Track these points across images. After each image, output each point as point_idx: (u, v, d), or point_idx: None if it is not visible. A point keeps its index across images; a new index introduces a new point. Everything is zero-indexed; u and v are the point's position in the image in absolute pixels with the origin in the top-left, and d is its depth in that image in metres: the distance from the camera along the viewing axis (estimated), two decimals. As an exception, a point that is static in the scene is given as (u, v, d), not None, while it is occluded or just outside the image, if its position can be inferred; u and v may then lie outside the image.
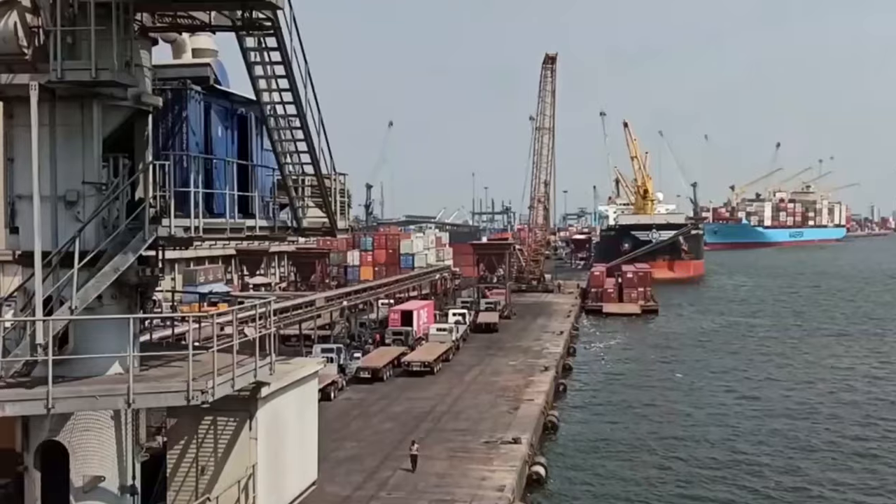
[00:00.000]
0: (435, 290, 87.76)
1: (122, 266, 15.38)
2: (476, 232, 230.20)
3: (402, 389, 45.70)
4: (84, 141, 15.78)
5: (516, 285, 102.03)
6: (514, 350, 59.83)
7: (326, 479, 26.08)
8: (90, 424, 16.13)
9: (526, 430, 36.46)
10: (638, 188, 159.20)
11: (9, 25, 14.37)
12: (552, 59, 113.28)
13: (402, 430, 36.65)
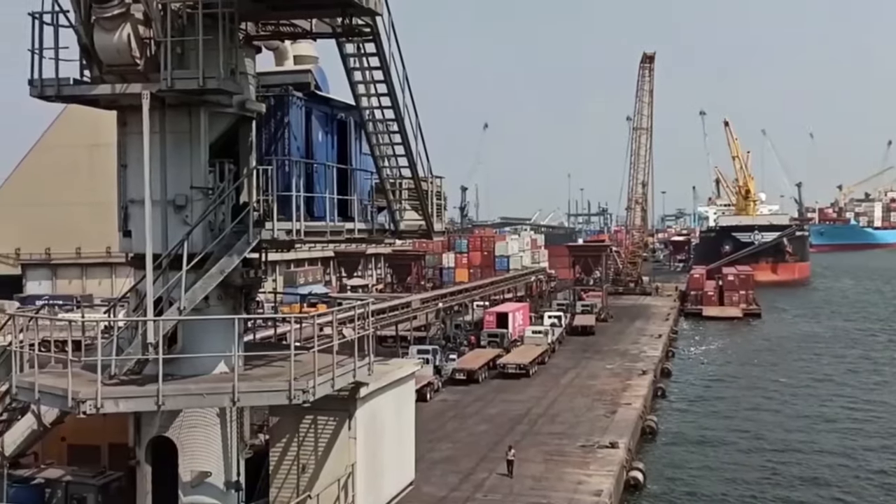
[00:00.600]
0: (530, 292, 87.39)
1: (228, 268, 15.85)
2: (572, 234, 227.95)
3: (498, 391, 45.68)
4: (192, 147, 16.34)
5: (613, 288, 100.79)
6: (611, 353, 59.12)
7: (422, 480, 26.30)
8: (197, 421, 16.69)
9: (623, 435, 35.97)
10: (739, 188, 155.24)
11: (122, 38, 14.98)
12: (650, 59, 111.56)
13: (498, 432, 36.63)
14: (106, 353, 15.32)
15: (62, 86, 15.74)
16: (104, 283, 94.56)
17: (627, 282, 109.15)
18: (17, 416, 17.74)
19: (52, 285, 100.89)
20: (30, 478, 18.10)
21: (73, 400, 14.62)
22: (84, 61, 15.81)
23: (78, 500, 17.49)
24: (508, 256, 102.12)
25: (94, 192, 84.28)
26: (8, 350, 16.69)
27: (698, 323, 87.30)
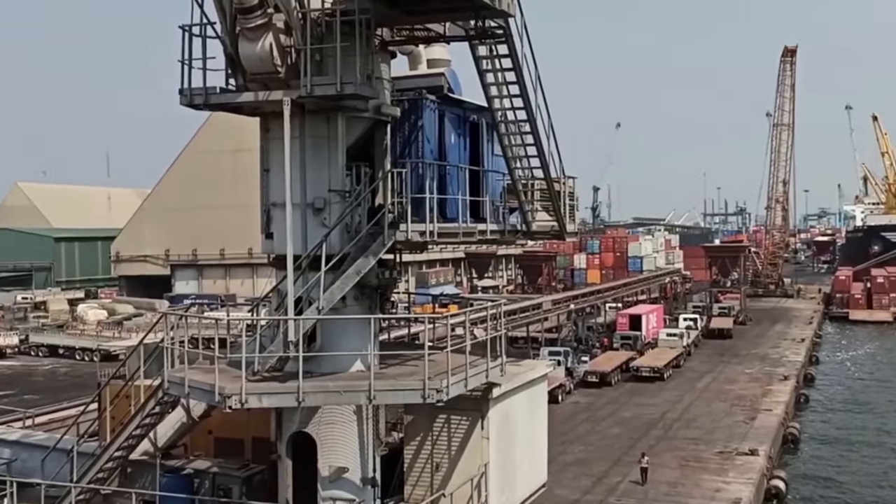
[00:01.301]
0: (664, 293, 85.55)
1: (364, 269, 16.22)
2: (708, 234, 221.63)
3: (631, 395, 44.93)
4: (330, 151, 16.81)
5: (752, 290, 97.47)
6: (749, 357, 57.14)
7: (555, 482, 26.13)
8: (335, 418, 17.15)
9: (764, 442, 34.71)
10: (889, 186, 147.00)
11: (265, 47, 15.57)
12: (791, 52, 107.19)
13: (631, 435, 36.02)
14: (249, 350, 15.92)
15: (209, 94, 16.50)
16: (246, 283, 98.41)
17: (767, 284, 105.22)
18: (169, 409, 18.64)
19: (198, 285, 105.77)
20: (180, 468, 19.00)
21: (219, 395, 15.27)
22: (229, 70, 16.53)
23: (224, 491, 18.24)
24: (642, 257, 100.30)
25: (238, 195, 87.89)
26: (160, 347, 17.59)
27: (844, 327, 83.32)
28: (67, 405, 35.13)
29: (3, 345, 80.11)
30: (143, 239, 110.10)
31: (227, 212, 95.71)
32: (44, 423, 27.43)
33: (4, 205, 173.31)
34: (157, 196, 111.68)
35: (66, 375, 70.00)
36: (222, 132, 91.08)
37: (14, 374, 72.20)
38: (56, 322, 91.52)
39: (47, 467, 19.67)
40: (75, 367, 73.46)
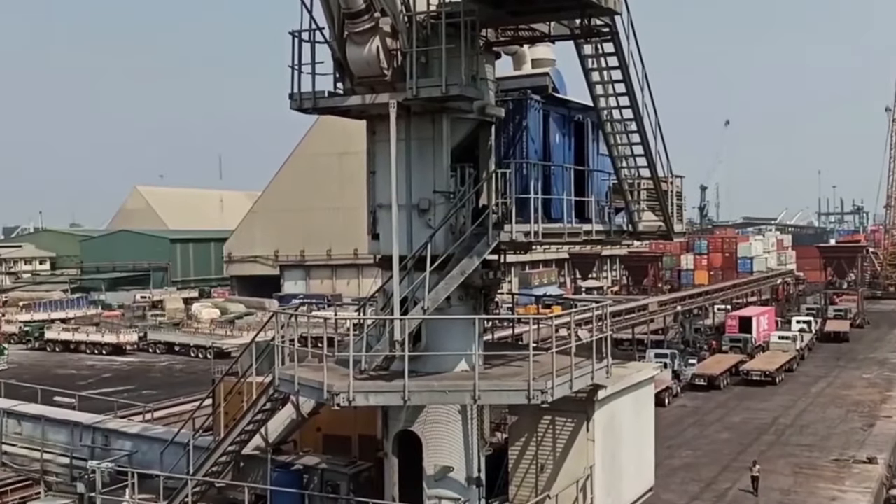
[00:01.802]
0: (776, 295, 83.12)
1: (469, 269, 16.29)
2: (822, 234, 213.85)
3: (740, 399, 43.85)
4: (435, 153, 16.95)
5: (870, 291, 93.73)
6: (867, 362, 55.01)
7: (661, 487, 25.72)
8: (440, 417, 17.28)
9: (883, 450, 33.37)
10: None
11: (372, 50, 15.82)
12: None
13: (741, 441, 35.16)
14: (357, 349, 16.19)
15: (318, 98, 16.85)
16: (352, 283, 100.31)
17: (887, 285, 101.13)
18: (279, 406, 19.11)
19: (305, 285, 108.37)
20: (290, 463, 19.45)
21: (328, 392, 15.58)
22: (337, 75, 16.85)
23: (332, 487, 18.59)
24: (752, 258, 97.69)
25: (344, 197, 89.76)
26: (271, 345, 18.07)
27: (971, 331, 79.17)
28: (183, 400, 36.58)
29: (123, 342, 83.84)
30: (253, 240, 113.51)
31: (334, 213, 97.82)
32: (162, 418, 28.57)
33: (124, 207, 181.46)
34: (266, 198, 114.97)
35: (181, 372, 72.73)
36: (329, 136, 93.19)
37: (133, 369, 75.41)
38: (172, 320, 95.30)
39: (165, 460, 20.45)
40: (190, 363, 76.26)
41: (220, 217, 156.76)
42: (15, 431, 23.89)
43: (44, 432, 23.18)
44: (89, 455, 21.88)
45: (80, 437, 22.65)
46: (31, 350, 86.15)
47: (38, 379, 42.53)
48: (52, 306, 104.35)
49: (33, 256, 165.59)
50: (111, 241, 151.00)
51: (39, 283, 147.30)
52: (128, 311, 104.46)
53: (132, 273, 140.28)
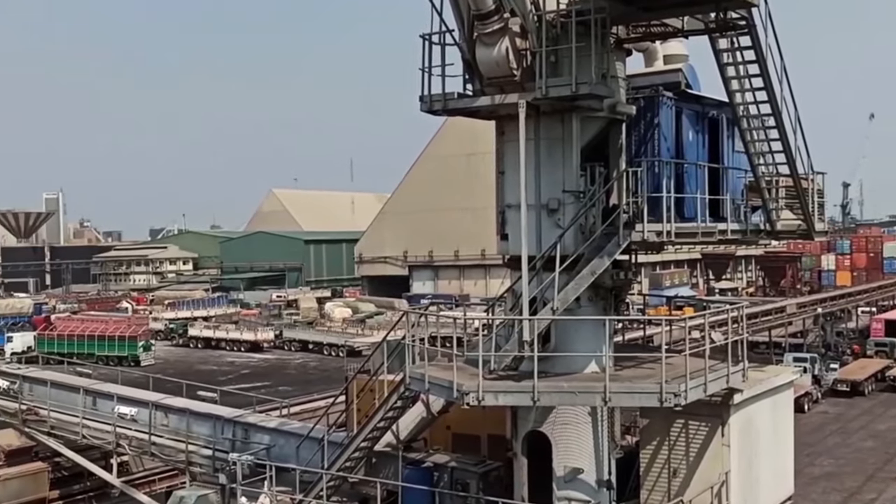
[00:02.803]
0: (926, 297, 78.51)
1: (599, 269, 16.10)
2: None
3: (887, 406, 41.70)
4: (564, 152, 16.85)
5: None
6: None
7: (801, 496, 24.75)
8: (570, 418, 17.16)
9: None
10: None
11: (501, 51, 15.86)
12: None
13: (887, 450, 33.44)
14: (486, 349, 16.28)
15: (448, 100, 17.03)
16: (479, 284, 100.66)
17: None
18: (410, 404, 19.41)
19: (433, 285, 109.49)
20: (420, 461, 19.73)
21: (457, 391, 15.72)
22: (467, 76, 16.98)
23: (462, 485, 18.74)
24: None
25: (471, 198, 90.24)
26: (402, 344, 18.38)
27: None
28: (317, 397, 37.58)
29: (261, 339, 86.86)
30: (383, 241, 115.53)
31: (462, 214, 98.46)
32: (297, 413, 29.46)
33: (261, 210, 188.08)
34: (396, 200, 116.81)
35: (315, 369, 74.75)
36: (457, 137, 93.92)
37: (269, 366, 78.02)
38: (306, 319, 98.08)
39: (301, 454, 21.10)
40: (323, 361, 78.29)
41: (352, 218, 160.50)
42: (162, 423, 25.16)
43: (188, 425, 24.31)
44: (230, 447, 22.81)
45: (222, 430, 23.65)
46: (176, 346, 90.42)
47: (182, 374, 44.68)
48: (195, 305, 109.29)
49: (177, 257, 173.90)
50: (249, 242, 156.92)
51: (183, 282, 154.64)
52: (264, 310, 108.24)
53: (268, 273, 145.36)
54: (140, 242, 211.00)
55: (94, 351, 75.29)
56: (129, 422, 25.61)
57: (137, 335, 78.98)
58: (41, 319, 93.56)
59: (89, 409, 26.60)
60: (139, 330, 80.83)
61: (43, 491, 27.98)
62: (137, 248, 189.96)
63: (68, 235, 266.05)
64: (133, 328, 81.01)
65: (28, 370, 30.93)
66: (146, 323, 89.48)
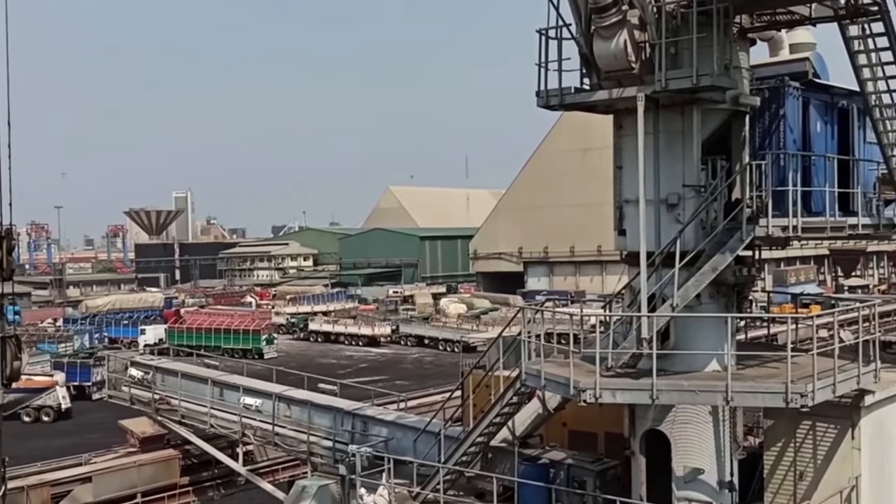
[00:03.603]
0: None
1: (720, 266, 15.71)
2: None
3: None
4: (684, 145, 16.48)
5: None
6: None
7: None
8: (690, 418, 16.80)
9: None
10: None
11: (619, 44, 15.65)
12: None
13: None
14: (603, 346, 16.11)
15: (564, 95, 16.91)
16: (595, 280, 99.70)
17: None
18: (525, 400, 19.39)
19: (549, 281, 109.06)
20: (536, 457, 19.69)
21: (574, 388, 15.62)
22: (584, 70, 16.83)
23: (578, 483, 18.61)
24: None
25: (586, 193, 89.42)
26: (518, 340, 18.38)
27: None
28: (433, 391, 37.98)
29: (378, 334, 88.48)
30: (497, 237, 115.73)
31: (577, 210, 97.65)
32: (414, 407, 29.83)
33: (378, 207, 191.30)
34: (510, 196, 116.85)
35: (430, 364, 75.60)
36: (572, 132, 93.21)
37: (386, 360, 79.36)
38: (422, 314, 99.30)
39: (418, 447, 21.37)
40: (439, 356, 79.09)
41: (467, 215, 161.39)
42: (285, 414, 25.92)
43: (310, 416, 24.98)
44: (349, 439, 23.31)
45: (342, 422, 24.19)
46: (297, 340, 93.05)
47: (303, 367, 45.87)
48: (315, 300, 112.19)
49: (298, 253, 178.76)
50: (366, 238, 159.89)
51: (303, 278, 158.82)
52: (381, 305, 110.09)
53: (385, 269, 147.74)
54: (263, 239, 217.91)
55: (220, 343, 78.27)
56: (253, 412, 26.47)
57: (261, 329, 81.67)
58: (171, 313, 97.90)
59: (217, 400, 27.63)
60: (262, 324, 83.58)
61: (174, 477, 29.22)
62: (261, 245, 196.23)
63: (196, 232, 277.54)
64: (257, 322, 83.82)
65: (160, 361, 32.36)
66: (269, 317, 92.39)
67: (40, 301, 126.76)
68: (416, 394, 36.68)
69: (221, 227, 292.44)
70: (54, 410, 55.64)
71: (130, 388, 30.12)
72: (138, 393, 29.92)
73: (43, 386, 55.67)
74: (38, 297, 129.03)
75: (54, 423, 54.52)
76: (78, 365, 63.77)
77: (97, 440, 37.24)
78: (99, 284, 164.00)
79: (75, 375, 61.82)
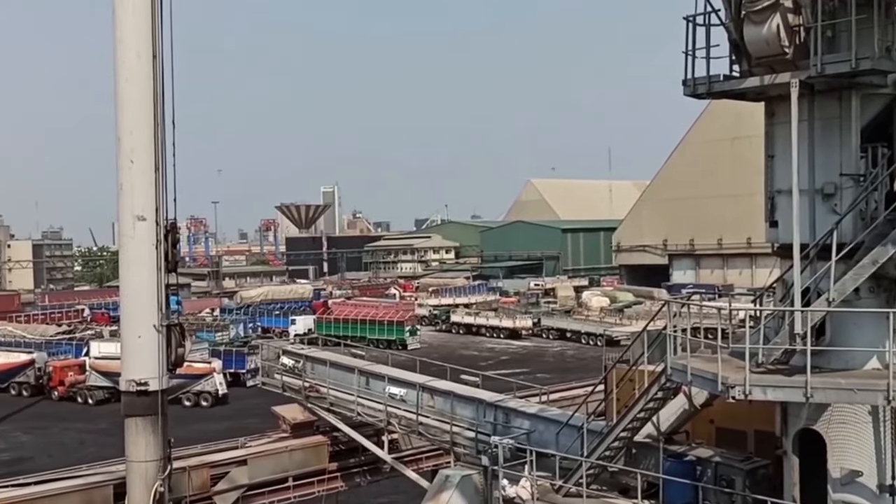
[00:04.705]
0: None
1: (881, 258, 14.90)
2: None
3: None
4: (841, 133, 15.73)
5: None
6: None
7: None
8: (847, 417, 16.04)
9: None
10: None
11: (772, 29, 15.07)
12: None
13: None
14: (753, 341, 15.59)
15: (713, 83, 16.44)
16: (744, 274, 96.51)
17: None
18: (671, 395, 18.99)
19: (695, 275, 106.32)
20: (682, 454, 19.26)
21: (722, 384, 15.18)
22: (733, 57, 16.32)
23: (727, 482, 18.09)
24: None
25: (735, 184, 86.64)
26: (663, 334, 18.02)
27: None
28: (575, 385, 37.73)
29: (519, 327, 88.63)
30: (641, 229, 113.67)
31: (725, 201, 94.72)
32: (556, 400, 29.72)
33: (520, 200, 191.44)
34: (655, 187, 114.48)
35: (572, 357, 75.14)
36: (720, 121, 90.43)
37: (528, 353, 79.39)
38: (563, 307, 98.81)
39: (560, 440, 21.29)
40: (580, 350, 78.52)
41: (609, 207, 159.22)
42: (428, 404, 26.34)
43: (453, 407, 25.29)
44: (492, 431, 23.47)
45: (484, 414, 24.38)
46: (439, 331, 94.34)
47: (445, 358, 46.52)
48: (456, 292, 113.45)
49: (440, 246, 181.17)
50: (507, 231, 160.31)
51: (445, 270, 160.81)
52: (522, 298, 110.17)
53: (526, 262, 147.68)
54: (406, 232, 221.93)
55: (365, 334, 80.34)
56: (398, 402, 27.03)
57: (405, 320, 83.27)
58: (319, 304, 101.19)
59: (363, 389, 28.36)
60: (406, 315, 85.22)
61: (323, 462, 30.18)
62: (404, 238, 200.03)
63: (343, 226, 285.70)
64: (401, 313, 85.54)
65: (310, 350, 33.48)
66: (412, 309, 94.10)
67: (199, 292, 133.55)
68: (557, 387, 36.52)
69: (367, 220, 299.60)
70: (212, 396, 58.65)
71: (282, 376, 31.27)
72: (289, 381, 31.01)
73: (202, 372, 58.75)
74: (197, 288, 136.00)
75: (212, 408, 57.44)
76: (233, 353, 66.94)
77: (251, 425, 38.94)
78: (252, 276, 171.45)
79: (231, 363, 64.94)
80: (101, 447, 41.27)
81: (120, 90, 18.56)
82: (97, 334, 78.36)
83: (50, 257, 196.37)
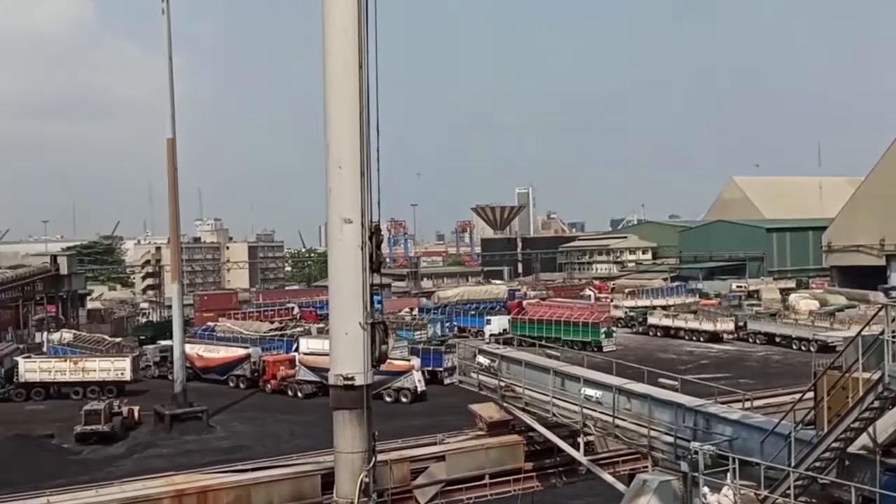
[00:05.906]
0: None
1: None
2: None
3: None
4: None
5: None
6: None
7: None
8: None
9: None
10: None
11: None
12: None
13: None
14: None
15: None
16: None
17: None
18: (889, 405, 17.82)
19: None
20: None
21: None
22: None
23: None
24: None
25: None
26: (880, 339, 16.94)
27: None
28: (781, 391, 35.99)
29: (720, 330, 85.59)
30: (855, 228, 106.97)
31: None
32: (760, 407, 28.48)
33: (721, 198, 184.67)
34: (871, 183, 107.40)
35: (777, 363, 71.79)
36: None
37: (729, 357, 76.61)
38: (768, 310, 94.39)
39: (765, 449, 20.42)
40: (787, 355, 74.86)
41: (819, 205, 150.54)
42: (625, 407, 25.96)
43: (650, 410, 24.81)
44: (691, 436, 22.82)
45: (683, 419, 23.75)
46: (635, 334, 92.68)
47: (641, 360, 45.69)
48: (654, 293, 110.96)
49: (637, 247, 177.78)
50: (708, 231, 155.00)
51: (642, 271, 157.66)
52: (724, 300, 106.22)
53: (728, 262, 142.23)
54: (601, 233, 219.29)
55: (560, 335, 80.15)
56: (594, 404, 26.81)
57: (600, 322, 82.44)
58: (514, 304, 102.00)
59: (558, 390, 28.33)
60: (601, 317, 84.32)
61: (519, 462, 30.39)
62: (599, 239, 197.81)
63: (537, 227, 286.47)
64: (596, 315, 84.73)
65: (505, 350, 33.82)
66: (608, 310, 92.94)
67: (398, 292, 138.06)
68: (762, 393, 34.97)
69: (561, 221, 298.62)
70: (411, 392, 60.50)
71: (478, 375, 31.78)
72: (485, 379, 31.44)
73: (402, 369, 60.72)
74: (397, 288, 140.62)
75: (411, 405, 59.23)
76: (431, 351, 68.74)
77: (449, 422, 39.79)
78: (449, 276, 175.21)
79: (429, 361, 66.71)
80: (310, 438, 43.56)
81: (328, 100, 19.56)
82: (306, 331, 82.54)
83: (263, 258, 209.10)
